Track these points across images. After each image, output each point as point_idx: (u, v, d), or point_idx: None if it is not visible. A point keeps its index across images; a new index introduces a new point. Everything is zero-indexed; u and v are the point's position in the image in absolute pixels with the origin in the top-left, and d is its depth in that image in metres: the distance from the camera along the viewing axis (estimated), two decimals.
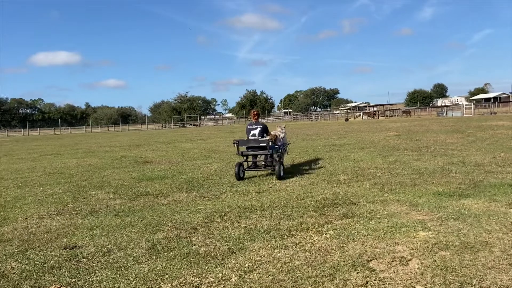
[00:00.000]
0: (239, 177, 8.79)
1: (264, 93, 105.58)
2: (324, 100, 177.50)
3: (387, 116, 64.03)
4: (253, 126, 9.63)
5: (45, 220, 6.05)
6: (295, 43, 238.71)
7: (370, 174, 8.64)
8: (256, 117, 9.93)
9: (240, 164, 8.98)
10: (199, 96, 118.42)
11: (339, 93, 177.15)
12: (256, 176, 9.18)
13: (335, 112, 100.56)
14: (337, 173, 8.94)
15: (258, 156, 9.47)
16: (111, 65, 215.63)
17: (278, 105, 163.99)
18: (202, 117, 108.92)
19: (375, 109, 79.80)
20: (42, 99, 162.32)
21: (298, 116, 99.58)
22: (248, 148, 9.34)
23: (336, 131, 26.92)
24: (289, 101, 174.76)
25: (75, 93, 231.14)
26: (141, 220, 5.73)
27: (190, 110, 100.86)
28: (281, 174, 8.58)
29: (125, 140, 30.94)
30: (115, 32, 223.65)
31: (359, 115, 67.96)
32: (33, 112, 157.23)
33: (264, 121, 10.88)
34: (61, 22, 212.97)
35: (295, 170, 9.79)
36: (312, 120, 74.47)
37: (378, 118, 60.86)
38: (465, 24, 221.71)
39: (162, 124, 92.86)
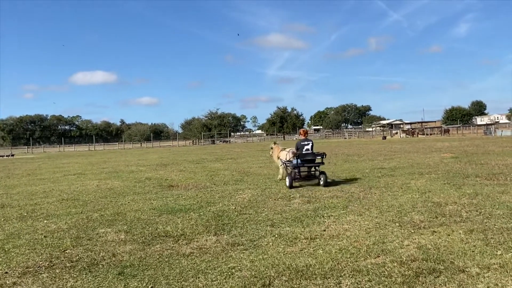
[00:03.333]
0: (292, 187, 10.22)
1: (295, 109, 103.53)
2: (355, 117, 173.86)
3: (426, 134, 60.69)
4: (306, 142, 10.90)
5: (26, 280, 4.47)
6: (323, 60, 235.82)
7: (453, 213, 6.65)
8: (306, 135, 11.43)
9: (291, 175, 10.48)
10: (229, 113, 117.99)
11: (371, 110, 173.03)
12: (301, 210, 7.37)
13: (368, 129, 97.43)
14: (407, 210, 7.01)
15: (301, 168, 10.80)
16: (145, 84, 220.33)
17: (308, 122, 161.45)
18: (232, 133, 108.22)
19: (412, 126, 76.41)
20: (80, 116, 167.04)
21: (329, 133, 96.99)
22: (303, 160, 10.68)
23: (378, 150, 24.69)
24: (319, 118, 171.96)
25: (111, 110, 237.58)
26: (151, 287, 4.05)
27: (220, 126, 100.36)
28: (327, 181, 10.40)
29: (154, 158, 29.84)
30: (149, 52, 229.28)
31: (396, 133, 64.89)
32: (71, 128, 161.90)
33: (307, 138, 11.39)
34: (99, 44, 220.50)
35: (347, 203, 7.92)
36: (345, 138, 71.90)
37: (417, 136, 57.69)
38: (501, 40, 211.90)
39: (193, 141, 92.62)
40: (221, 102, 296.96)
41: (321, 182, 10.30)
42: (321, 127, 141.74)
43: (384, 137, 56.58)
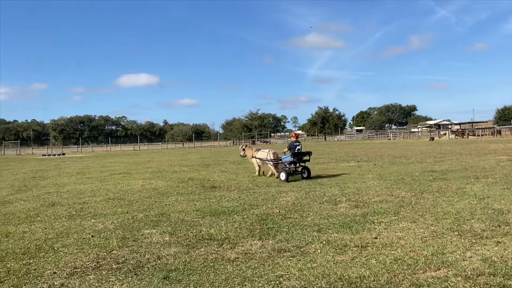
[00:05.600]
0: (288, 180, 12.33)
1: (337, 110, 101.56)
2: (400, 117, 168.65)
3: (477, 135, 57.64)
4: (297, 143, 13.44)
5: (73, 281, 4.48)
6: (364, 59, 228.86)
7: None
8: (297, 137, 13.95)
9: (287, 171, 12.58)
10: (269, 114, 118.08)
11: (416, 110, 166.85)
12: (348, 215, 7.03)
13: (413, 130, 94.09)
14: (465, 218, 6.50)
15: (289, 164, 13.04)
16: (185, 85, 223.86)
17: (350, 123, 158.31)
18: (272, 134, 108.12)
19: (462, 127, 72.96)
20: (126, 117, 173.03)
21: (373, 134, 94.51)
22: (297, 158, 13.05)
23: (426, 152, 23.62)
24: (361, 118, 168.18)
25: (154, 111, 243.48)
26: None
27: (261, 127, 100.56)
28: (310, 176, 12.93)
29: (196, 158, 30.23)
30: (189, 54, 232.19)
31: (445, 134, 62.15)
32: (117, 128, 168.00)
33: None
34: (143, 48, 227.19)
35: (398, 208, 7.49)
36: (389, 139, 69.75)
37: (468, 137, 54.94)
38: None
39: (233, 141, 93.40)
40: (260, 103, 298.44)
41: (305, 175, 12.92)
42: (363, 127, 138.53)
43: (432, 138, 54.31)
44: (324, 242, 5.51)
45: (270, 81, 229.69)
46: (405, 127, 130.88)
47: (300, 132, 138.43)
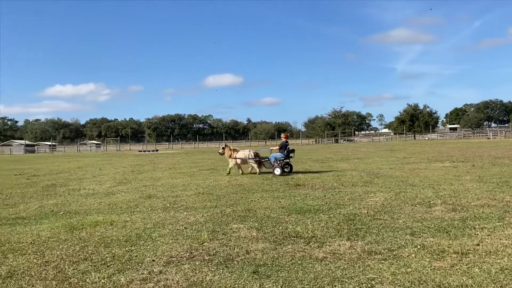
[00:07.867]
0: (283, 174, 14.66)
1: (428, 107, 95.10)
2: (501, 114, 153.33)
3: None
4: (287, 143, 15.70)
5: (170, 269, 4.77)
6: (458, 53, 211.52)
7: None
8: (287, 138, 16.26)
9: (280, 166, 14.94)
10: (353, 111, 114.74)
11: None
12: (445, 219, 6.54)
13: None
14: None
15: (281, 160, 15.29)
16: (267, 85, 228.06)
17: (443, 120, 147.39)
18: (356, 132, 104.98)
19: None
20: (212, 115, 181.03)
21: (469, 132, 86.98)
22: (287, 155, 15.52)
23: None
24: (456, 115, 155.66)
25: (237, 110, 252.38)
26: None
27: (344, 125, 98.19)
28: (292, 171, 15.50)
29: None
30: (271, 53, 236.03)
31: None
32: (204, 126, 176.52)
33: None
34: (228, 49, 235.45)
35: (503, 214, 6.77)
36: (488, 138, 63.62)
37: None
38: None
39: (316, 139, 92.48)
40: (342, 100, 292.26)
41: (287, 170, 15.30)
42: (458, 125, 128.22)
43: None
44: (418, 247, 5.19)
45: (353, 79, 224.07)
46: (507, 125, 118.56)
47: (386, 130, 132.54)
